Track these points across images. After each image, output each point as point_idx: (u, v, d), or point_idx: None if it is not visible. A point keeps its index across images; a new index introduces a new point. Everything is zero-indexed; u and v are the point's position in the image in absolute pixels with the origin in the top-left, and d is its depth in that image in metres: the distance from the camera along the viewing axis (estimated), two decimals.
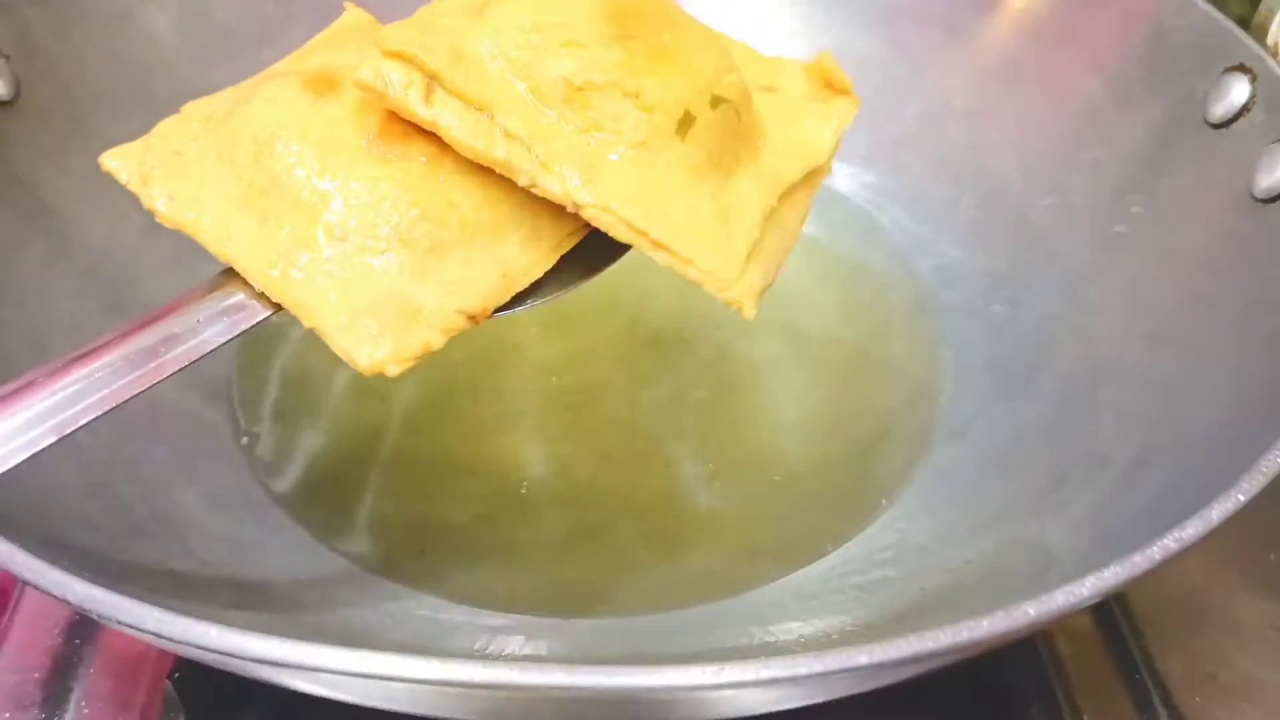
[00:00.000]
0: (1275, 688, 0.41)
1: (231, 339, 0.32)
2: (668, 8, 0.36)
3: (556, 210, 0.33)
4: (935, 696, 0.40)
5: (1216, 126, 0.43)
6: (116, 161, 0.34)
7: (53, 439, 0.29)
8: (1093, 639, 0.43)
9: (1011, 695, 0.41)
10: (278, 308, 0.33)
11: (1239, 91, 0.43)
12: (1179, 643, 0.43)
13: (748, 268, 0.33)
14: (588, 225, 0.34)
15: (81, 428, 0.30)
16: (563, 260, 0.34)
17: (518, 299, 0.34)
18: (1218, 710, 0.41)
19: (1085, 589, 0.26)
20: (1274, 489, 0.46)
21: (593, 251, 0.35)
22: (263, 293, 0.32)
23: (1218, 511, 0.28)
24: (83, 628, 0.42)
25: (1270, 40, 0.44)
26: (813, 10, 0.57)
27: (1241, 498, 0.28)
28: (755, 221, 0.34)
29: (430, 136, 0.33)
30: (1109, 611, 0.44)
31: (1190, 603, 0.44)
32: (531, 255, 0.34)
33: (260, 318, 0.33)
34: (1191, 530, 0.27)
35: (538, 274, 0.34)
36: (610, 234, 0.32)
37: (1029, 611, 0.25)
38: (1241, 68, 0.43)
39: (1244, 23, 0.45)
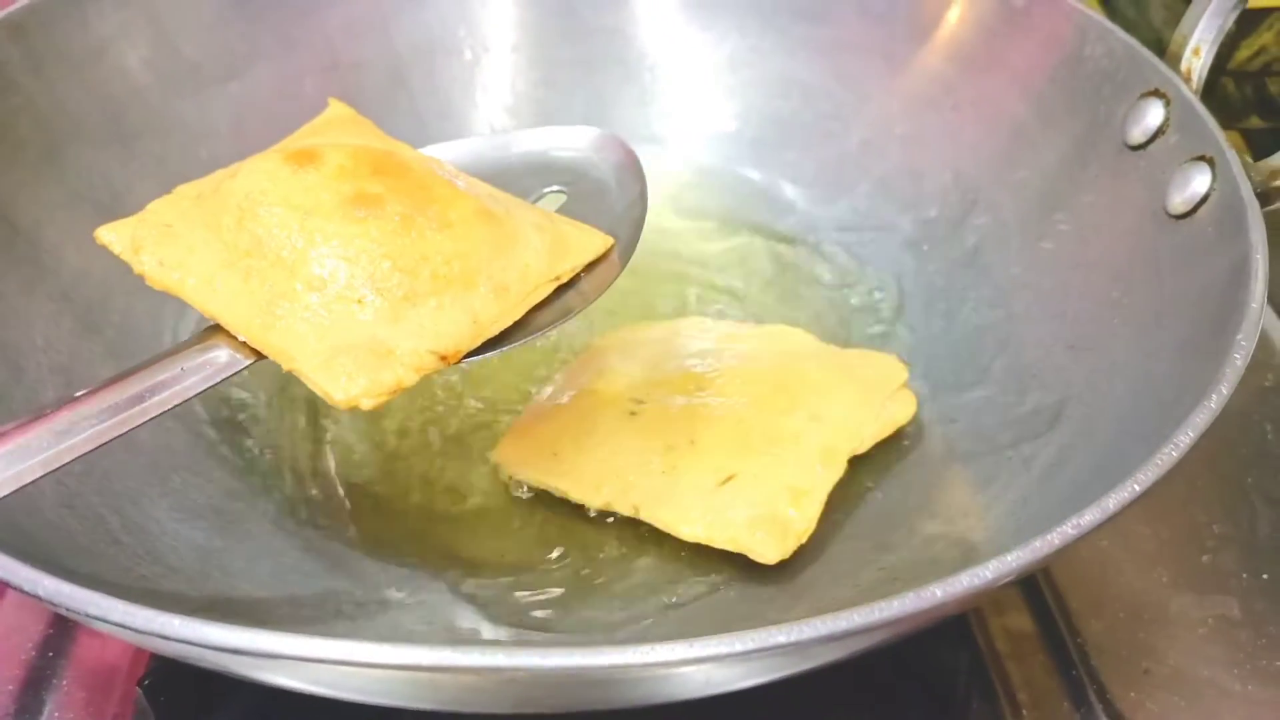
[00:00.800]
0: (1205, 682, 0.43)
1: (211, 386, 0.34)
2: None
3: (522, 267, 0.37)
4: (878, 692, 0.41)
5: (1134, 148, 0.46)
6: (111, 235, 0.37)
7: (40, 474, 0.31)
8: (1030, 637, 0.44)
9: (951, 693, 0.42)
10: (259, 357, 0.35)
11: (1154, 115, 0.45)
12: (1114, 640, 0.44)
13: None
14: (553, 281, 0.37)
15: (68, 464, 0.32)
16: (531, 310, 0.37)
17: (489, 345, 0.36)
18: (1150, 704, 0.42)
19: (989, 571, 0.27)
20: (1203, 493, 0.49)
21: (556, 303, 0.38)
22: (245, 343, 0.34)
23: (1114, 500, 0.30)
24: (57, 641, 0.43)
25: (1184, 66, 0.46)
26: (760, 41, 0.59)
27: (1137, 488, 0.30)
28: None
29: (403, 198, 0.36)
30: (1046, 610, 0.45)
31: (1125, 602, 0.45)
32: (501, 305, 0.36)
33: (241, 367, 0.35)
34: (1089, 518, 0.29)
35: (507, 323, 0.36)
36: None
37: (936, 593, 0.27)
38: (1156, 93, 0.45)
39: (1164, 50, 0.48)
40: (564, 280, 0.38)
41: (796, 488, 0.42)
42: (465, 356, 0.35)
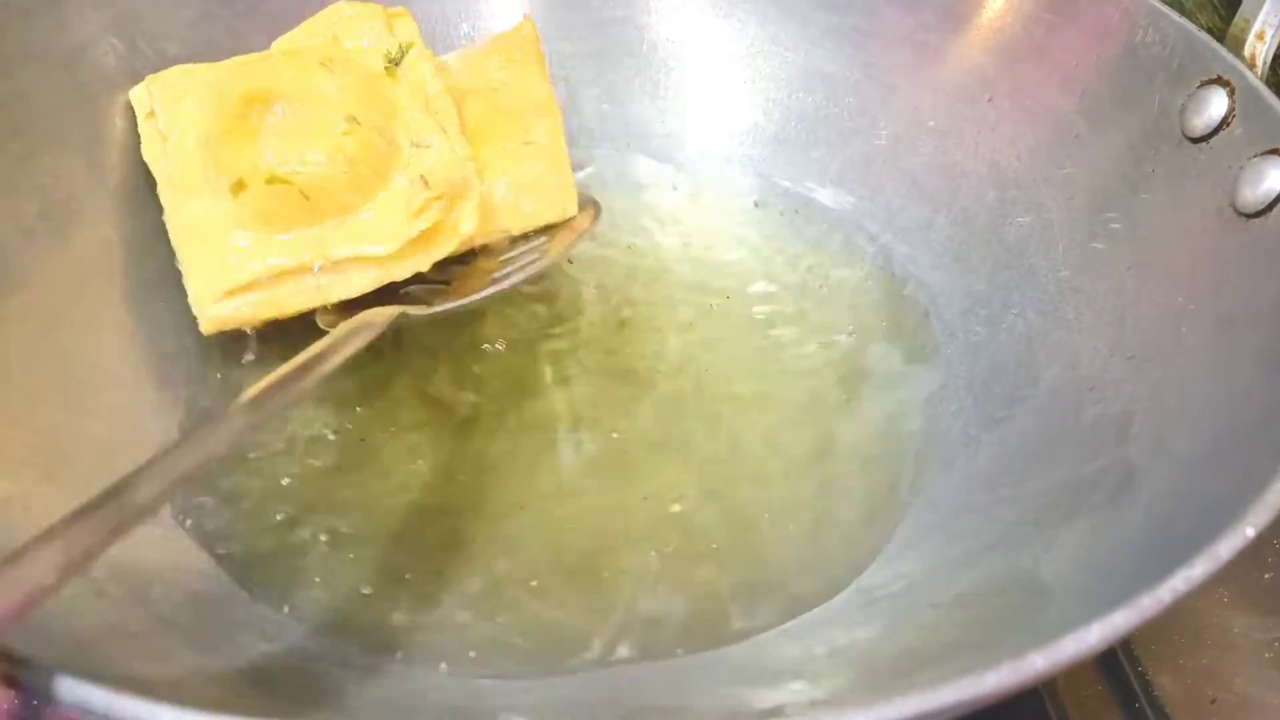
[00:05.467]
0: (1276, 710, 0.40)
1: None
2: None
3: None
4: None
5: (1195, 140, 0.43)
6: None
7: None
8: (1087, 667, 0.42)
9: None
10: None
11: (1217, 105, 0.42)
12: (1176, 667, 0.42)
13: (218, 301, 0.43)
14: None
15: None
16: None
17: None
18: None
19: (1093, 636, 0.24)
20: None
21: None
22: None
23: (1226, 547, 0.27)
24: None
25: (1247, 52, 0.43)
26: (780, 30, 0.57)
27: (1250, 531, 0.27)
28: (250, 273, 0.43)
29: None
30: None
31: (1184, 625, 0.43)
32: None
33: None
34: (1200, 569, 0.26)
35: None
36: None
37: (1037, 663, 0.24)
38: (1219, 80, 0.42)
39: (1215, 35, 0.45)
40: None
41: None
42: None
